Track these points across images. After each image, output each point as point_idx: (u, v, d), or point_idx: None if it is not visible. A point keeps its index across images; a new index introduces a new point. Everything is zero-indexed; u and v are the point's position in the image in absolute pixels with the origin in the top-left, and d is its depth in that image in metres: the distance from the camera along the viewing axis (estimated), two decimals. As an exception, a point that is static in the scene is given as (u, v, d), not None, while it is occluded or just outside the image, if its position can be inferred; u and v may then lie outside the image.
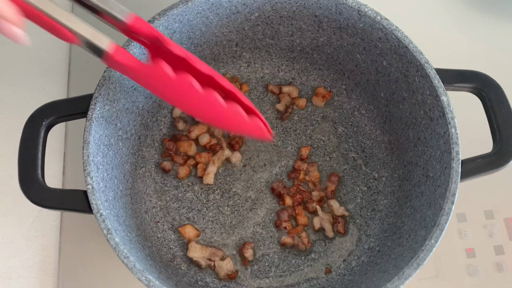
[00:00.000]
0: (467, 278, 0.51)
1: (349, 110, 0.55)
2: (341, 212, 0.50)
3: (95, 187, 0.39)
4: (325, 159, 0.53)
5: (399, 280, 0.38)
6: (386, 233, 0.49)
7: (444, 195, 0.41)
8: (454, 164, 0.41)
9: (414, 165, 0.48)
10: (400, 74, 0.47)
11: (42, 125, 0.42)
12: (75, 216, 0.52)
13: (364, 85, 0.52)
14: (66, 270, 0.51)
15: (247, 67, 0.56)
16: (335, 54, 0.52)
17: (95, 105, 0.42)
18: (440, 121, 0.43)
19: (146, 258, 0.42)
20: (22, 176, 0.40)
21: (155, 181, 0.51)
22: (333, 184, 0.51)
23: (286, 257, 0.49)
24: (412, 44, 0.44)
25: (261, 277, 0.48)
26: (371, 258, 0.48)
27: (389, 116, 0.51)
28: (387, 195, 0.51)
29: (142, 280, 0.37)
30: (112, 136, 0.45)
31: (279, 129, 0.54)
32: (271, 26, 0.51)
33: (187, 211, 0.50)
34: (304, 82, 0.55)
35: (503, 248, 0.52)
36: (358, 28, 0.47)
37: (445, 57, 0.51)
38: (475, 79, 0.45)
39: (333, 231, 0.50)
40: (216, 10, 0.48)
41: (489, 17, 0.64)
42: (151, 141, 0.53)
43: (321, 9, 0.47)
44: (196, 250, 0.48)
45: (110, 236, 0.38)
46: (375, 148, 0.53)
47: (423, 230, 0.41)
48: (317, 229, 0.50)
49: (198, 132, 0.52)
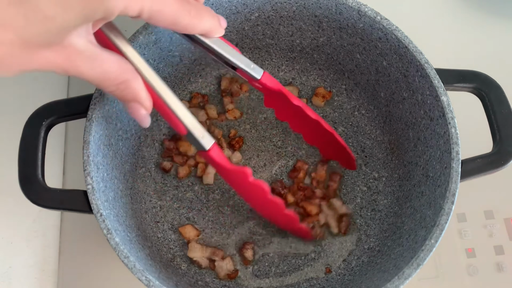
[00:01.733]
0: (467, 278, 0.51)
1: (349, 110, 0.55)
2: (344, 210, 0.50)
3: (95, 187, 0.39)
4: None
5: (399, 280, 0.38)
6: (386, 233, 0.49)
7: (444, 195, 0.41)
8: (454, 164, 0.41)
9: (414, 165, 0.48)
10: (400, 74, 0.47)
11: (42, 125, 0.42)
12: (75, 216, 0.52)
13: (364, 85, 0.52)
14: (66, 270, 0.51)
15: (247, 67, 0.56)
16: (335, 54, 0.52)
17: (95, 105, 0.42)
18: (440, 121, 0.43)
19: (146, 258, 0.42)
20: (22, 176, 0.40)
21: (155, 181, 0.51)
22: (335, 183, 0.51)
23: (286, 257, 0.49)
24: (412, 44, 0.45)
25: (261, 277, 0.48)
26: (371, 258, 0.48)
27: (389, 116, 0.51)
28: (387, 195, 0.51)
29: (142, 280, 0.37)
30: (112, 136, 0.45)
31: (279, 129, 0.54)
32: (271, 26, 0.51)
33: (187, 211, 0.50)
34: (304, 82, 0.55)
35: (503, 248, 0.52)
36: (358, 28, 0.47)
37: (445, 57, 0.51)
38: (475, 79, 0.45)
39: (338, 227, 0.50)
40: (216, 10, 0.48)
41: (489, 17, 0.64)
42: (151, 141, 0.53)
43: (321, 9, 0.47)
44: (196, 250, 0.48)
45: (110, 236, 0.38)
46: (375, 148, 0.53)
47: (423, 230, 0.41)
48: (322, 225, 0.50)
49: None
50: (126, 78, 0.33)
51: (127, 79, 0.33)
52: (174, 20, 0.33)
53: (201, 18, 0.36)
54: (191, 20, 0.35)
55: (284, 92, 0.44)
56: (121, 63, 0.33)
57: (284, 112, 0.48)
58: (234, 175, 0.41)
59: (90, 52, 0.31)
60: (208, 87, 0.55)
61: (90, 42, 0.31)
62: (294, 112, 0.46)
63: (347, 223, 0.50)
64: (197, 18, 0.35)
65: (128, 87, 0.34)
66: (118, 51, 0.35)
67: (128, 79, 0.34)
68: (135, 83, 0.34)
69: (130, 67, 0.34)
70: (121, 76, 0.33)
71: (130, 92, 0.34)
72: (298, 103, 0.45)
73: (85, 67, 0.31)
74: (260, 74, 0.42)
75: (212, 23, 0.37)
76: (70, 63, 0.30)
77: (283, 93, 0.44)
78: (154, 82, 0.36)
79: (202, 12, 0.36)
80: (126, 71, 0.33)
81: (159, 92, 0.36)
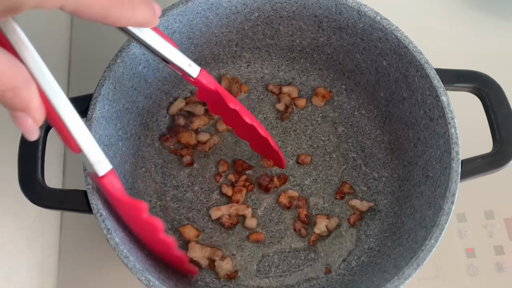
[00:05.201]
0: (467, 278, 0.51)
1: (349, 110, 0.55)
2: (366, 205, 0.50)
3: (95, 187, 0.39)
4: (325, 159, 0.53)
5: (398, 280, 0.38)
6: (386, 233, 0.49)
7: (444, 195, 0.41)
8: (454, 164, 0.41)
9: (414, 165, 0.48)
10: (400, 74, 0.47)
11: (42, 125, 0.42)
12: (75, 216, 0.52)
13: (364, 85, 0.52)
14: (66, 270, 0.51)
15: (247, 67, 0.56)
16: (335, 54, 0.52)
17: (95, 105, 0.42)
18: (440, 121, 0.43)
19: (146, 258, 0.42)
20: (22, 176, 0.40)
21: (155, 181, 0.51)
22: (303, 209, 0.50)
23: (286, 257, 0.49)
24: (412, 44, 0.45)
25: (261, 277, 0.48)
26: (371, 258, 0.48)
27: (389, 116, 0.51)
28: (387, 195, 0.51)
29: (142, 280, 0.37)
30: (112, 136, 0.45)
31: (279, 129, 0.54)
32: (271, 26, 0.51)
33: (187, 211, 0.50)
34: (304, 82, 0.55)
35: (503, 248, 0.52)
36: (358, 28, 0.47)
37: (445, 57, 0.51)
38: (475, 79, 0.45)
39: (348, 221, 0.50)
40: (216, 10, 0.48)
41: (489, 17, 0.64)
42: (151, 141, 0.53)
43: (321, 9, 0.47)
44: (196, 250, 0.48)
45: (110, 236, 0.38)
46: (375, 148, 0.53)
47: (423, 230, 0.41)
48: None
49: (199, 123, 0.53)
50: (15, 85, 0.28)
51: (17, 86, 0.28)
52: (104, 14, 0.29)
53: (135, 9, 0.31)
54: (124, 13, 0.30)
55: (221, 93, 0.42)
56: (11, 66, 0.28)
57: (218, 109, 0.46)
58: (128, 209, 0.38)
59: None
60: (208, 87, 0.55)
61: None
62: (228, 112, 0.44)
63: (358, 216, 0.50)
64: (130, 10, 0.31)
65: (17, 95, 0.28)
66: (14, 51, 0.31)
67: (18, 86, 0.28)
68: (26, 91, 0.29)
69: (22, 72, 0.29)
70: (9, 82, 0.28)
71: (18, 101, 0.29)
72: (235, 107, 0.43)
73: None
74: (196, 72, 0.40)
75: (146, 14, 0.33)
76: None
77: (220, 94, 0.42)
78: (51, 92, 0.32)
79: (135, 2, 0.31)
80: (16, 76, 0.28)
81: (55, 105, 0.32)
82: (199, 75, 0.40)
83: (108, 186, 0.36)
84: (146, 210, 0.37)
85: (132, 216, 0.39)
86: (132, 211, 0.38)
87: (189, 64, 0.39)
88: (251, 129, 0.46)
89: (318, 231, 0.49)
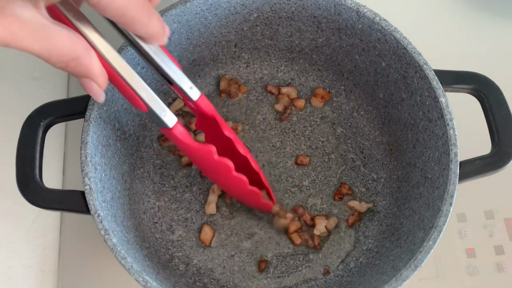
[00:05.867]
0: (467, 278, 0.51)
1: (348, 111, 0.54)
2: (365, 206, 0.50)
3: (93, 187, 0.40)
4: (323, 160, 0.53)
5: (396, 282, 0.38)
6: (384, 234, 0.49)
7: (442, 197, 0.41)
8: (453, 165, 0.41)
9: (412, 167, 0.48)
10: (399, 75, 0.47)
11: (40, 125, 0.42)
12: (75, 216, 0.52)
13: (363, 86, 0.52)
14: (66, 270, 0.51)
15: (246, 67, 0.56)
16: (334, 55, 0.52)
17: (93, 106, 0.42)
18: (439, 123, 0.43)
19: (144, 259, 0.42)
20: (20, 176, 0.41)
21: (154, 182, 0.51)
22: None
23: (284, 258, 0.49)
24: (411, 45, 0.44)
25: (259, 278, 0.48)
26: (369, 259, 0.48)
27: (388, 117, 0.51)
28: (386, 196, 0.51)
29: (139, 281, 0.38)
30: (110, 136, 0.45)
31: (278, 130, 0.54)
32: (270, 26, 0.51)
33: (185, 212, 0.51)
34: (303, 82, 0.55)
35: (503, 248, 0.52)
36: (357, 29, 0.47)
37: (444, 58, 0.51)
38: (473, 80, 0.45)
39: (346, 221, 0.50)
40: (214, 11, 0.48)
41: (489, 18, 0.63)
42: (150, 141, 0.53)
43: (320, 10, 0.47)
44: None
45: (108, 237, 0.38)
46: (374, 149, 0.53)
47: (421, 232, 0.41)
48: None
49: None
50: (77, 55, 0.31)
51: (78, 56, 0.31)
52: (122, 11, 0.31)
53: (151, 17, 0.33)
54: (140, 16, 0.32)
55: (217, 120, 0.43)
56: (72, 38, 0.31)
57: (214, 139, 0.45)
58: (199, 153, 0.41)
59: (36, 24, 0.29)
60: (207, 87, 0.55)
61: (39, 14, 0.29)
62: (223, 142, 0.45)
63: (356, 217, 0.50)
64: (146, 16, 0.33)
65: (79, 64, 0.32)
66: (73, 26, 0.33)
67: (79, 56, 0.31)
68: (87, 59, 0.32)
69: (82, 43, 0.31)
70: (71, 53, 0.31)
71: (81, 69, 0.32)
72: (229, 135, 0.44)
73: (29, 40, 0.28)
74: (197, 96, 0.40)
75: (159, 28, 0.35)
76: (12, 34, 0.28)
77: (216, 121, 0.43)
78: (110, 57, 0.35)
79: (153, 12, 0.34)
80: (77, 46, 0.31)
81: (115, 67, 0.35)
82: (199, 98, 0.40)
83: (179, 135, 0.39)
84: (215, 152, 0.40)
85: (205, 160, 0.42)
86: (204, 155, 0.41)
87: (190, 86, 0.40)
88: (244, 162, 0.46)
89: (318, 233, 0.49)
